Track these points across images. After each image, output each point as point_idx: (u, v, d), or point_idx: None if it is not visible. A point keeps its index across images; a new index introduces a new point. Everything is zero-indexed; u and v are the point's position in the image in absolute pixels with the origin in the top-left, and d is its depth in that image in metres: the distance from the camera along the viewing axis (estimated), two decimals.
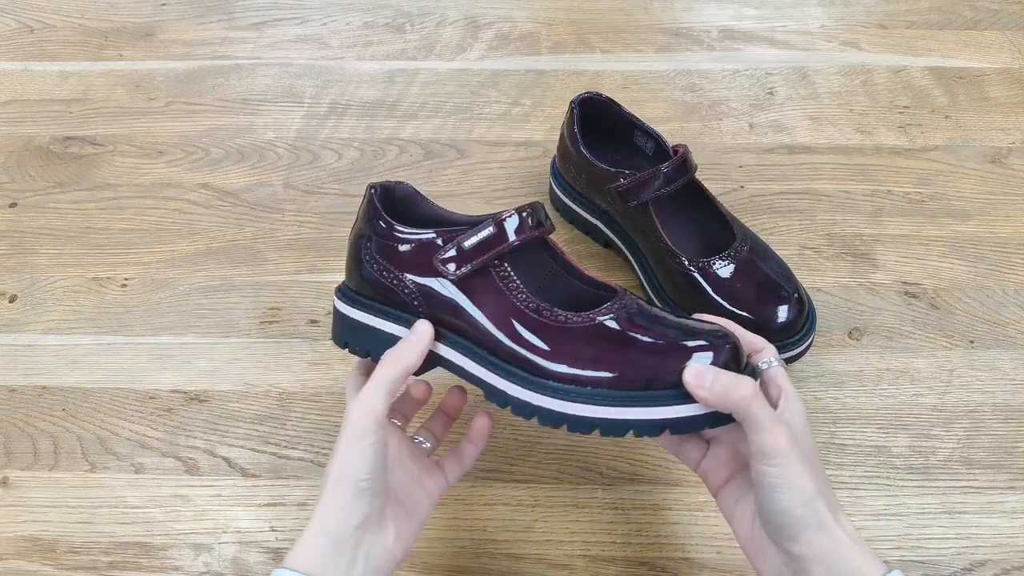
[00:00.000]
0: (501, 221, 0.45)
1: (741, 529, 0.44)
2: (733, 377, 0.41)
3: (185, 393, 0.63)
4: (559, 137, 0.69)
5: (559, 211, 0.72)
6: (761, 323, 0.58)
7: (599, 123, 0.67)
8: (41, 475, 0.59)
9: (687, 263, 0.60)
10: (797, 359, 0.61)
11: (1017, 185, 0.74)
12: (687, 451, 0.48)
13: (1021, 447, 0.59)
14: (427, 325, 0.46)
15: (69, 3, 0.93)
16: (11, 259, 0.71)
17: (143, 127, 0.81)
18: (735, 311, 0.58)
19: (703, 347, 0.43)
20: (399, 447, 0.48)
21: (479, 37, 0.89)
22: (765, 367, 0.45)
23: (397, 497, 0.46)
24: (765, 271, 0.60)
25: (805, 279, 0.65)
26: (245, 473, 0.59)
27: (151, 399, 0.62)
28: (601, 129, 0.67)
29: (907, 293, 0.67)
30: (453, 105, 0.82)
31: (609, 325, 0.44)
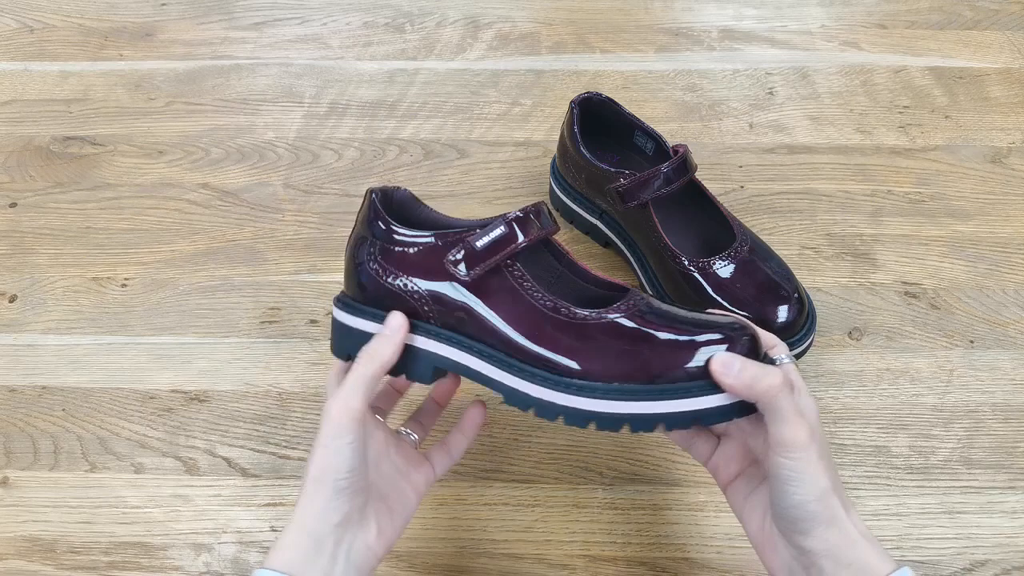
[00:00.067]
0: (511, 220, 0.44)
1: (751, 524, 0.44)
2: (761, 367, 0.41)
3: (185, 393, 0.63)
4: (559, 137, 0.69)
5: (559, 211, 0.72)
6: (761, 323, 0.57)
7: (599, 123, 0.67)
8: (41, 475, 0.59)
9: (687, 263, 0.60)
10: (797, 359, 0.61)
11: (1017, 185, 0.74)
12: (698, 446, 0.48)
13: (1021, 447, 0.59)
14: (401, 317, 0.45)
15: (69, 3, 0.93)
16: (11, 259, 0.71)
17: (143, 127, 0.81)
18: (735, 311, 0.58)
19: (720, 340, 0.42)
20: (383, 441, 0.47)
21: (479, 37, 0.89)
22: (778, 363, 0.45)
23: (381, 492, 0.46)
24: (765, 271, 0.60)
25: (805, 279, 0.65)
26: (245, 473, 0.59)
27: (151, 399, 0.62)
28: (601, 129, 0.67)
29: (907, 293, 0.67)
30: (453, 105, 0.82)
31: (628, 321, 0.44)
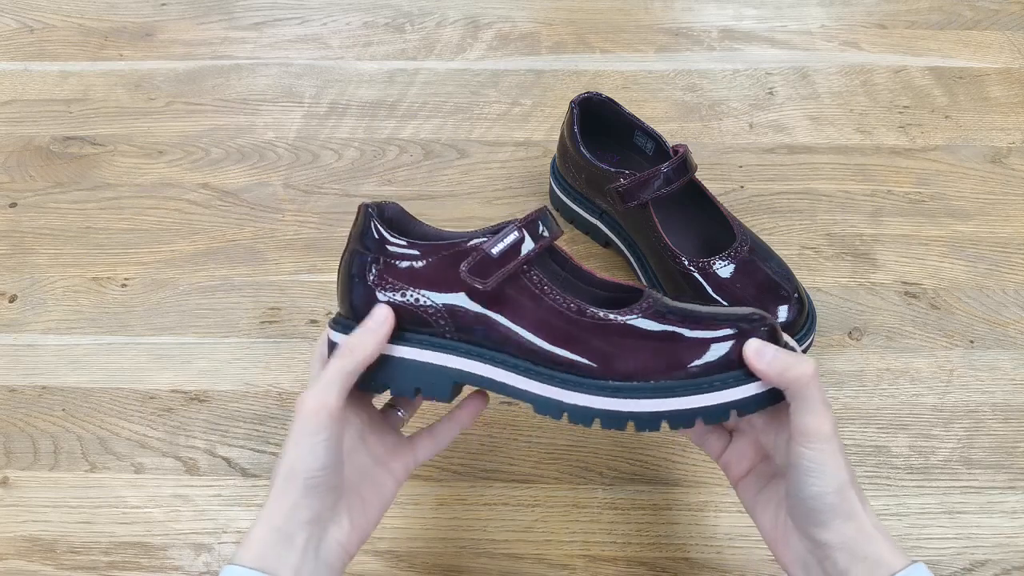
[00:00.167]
0: (523, 225, 0.44)
1: (764, 519, 0.44)
2: (793, 355, 0.41)
3: (185, 393, 0.63)
4: (559, 137, 0.69)
5: (559, 211, 0.72)
6: None
7: (599, 123, 0.67)
8: (41, 475, 0.59)
9: (687, 263, 0.60)
10: None
11: (1017, 185, 0.74)
12: (711, 442, 0.48)
13: (1021, 447, 0.59)
14: (386, 309, 0.43)
15: (69, 3, 0.93)
16: (11, 259, 0.71)
17: (143, 127, 0.81)
18: None
19: (746, 330, 0.42)
20: (360, 429, 0.46)
21: (479, 37, 0.89)
22: None
23: (354, 485, 0.45)
24: (765, 271, 0.60)
25: (805, 279, 0.65)
26: (245, 473, 0.59)
27: (151, 399, 0.62)
28: (601, 129, 0.67)
29: (907, 293, 0.67)
30: (453, 105, 0.82)
31: (654, 318, 0.43)
